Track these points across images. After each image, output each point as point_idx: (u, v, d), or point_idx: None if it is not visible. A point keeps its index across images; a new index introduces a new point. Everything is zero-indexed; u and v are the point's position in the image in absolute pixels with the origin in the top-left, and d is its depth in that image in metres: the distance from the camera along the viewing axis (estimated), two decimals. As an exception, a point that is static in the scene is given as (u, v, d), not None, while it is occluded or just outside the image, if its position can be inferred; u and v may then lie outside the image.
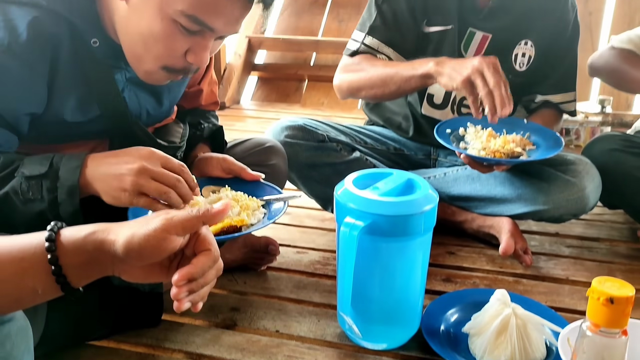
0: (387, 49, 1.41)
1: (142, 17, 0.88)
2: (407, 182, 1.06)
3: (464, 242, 1.49)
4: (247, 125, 2.69)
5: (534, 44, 1.46)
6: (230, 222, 1.01)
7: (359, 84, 1.39)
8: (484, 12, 1.42)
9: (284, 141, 1.40)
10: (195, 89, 1.26)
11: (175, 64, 0.94)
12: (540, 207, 1.36)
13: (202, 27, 0.89)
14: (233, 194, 1.10)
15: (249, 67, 3.20)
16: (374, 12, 1.43)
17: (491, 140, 1.29)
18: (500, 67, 1.17)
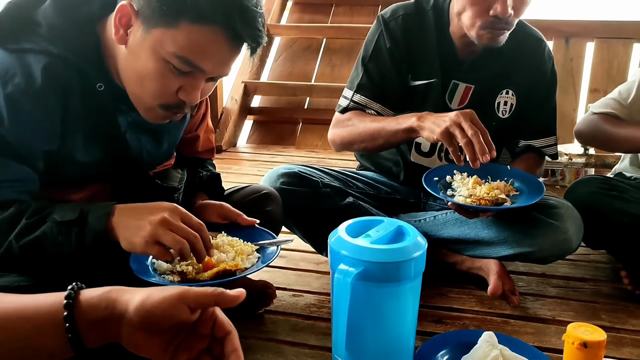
0: (375, 105, 1.50)
1: (139, 59, 0.96)
2: (397, 229, 1.12)
3: (454, 283, 1.54)
4: (242, 168, 2.76)
5: (514, 93, 1.55)
6: (225, 266, 1.06)
7: (351, 139, 1.48)
8: (466, 65, 1.52)
9: (279, 188, 1.46)
10: (192, 135, 1.33)
11: (169, 101, 1.00)
12: (526, 249, 1.42)
13: (192, 68, 0.95)
14: (229, 239, 1.15)
15: (245, 111, 3.30)
16: (361, 70, 1.53)
17: (477, 187, 1.36)
18: (477, 118, 1.25)
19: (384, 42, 1.51)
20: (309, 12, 3.97)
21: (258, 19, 0.95)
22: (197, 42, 0.92)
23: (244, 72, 3.34)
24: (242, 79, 3.29)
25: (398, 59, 1.50)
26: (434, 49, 1.51)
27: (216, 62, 0.96)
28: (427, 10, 1.52)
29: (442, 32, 1.51)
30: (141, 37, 0.94)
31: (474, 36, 1.39)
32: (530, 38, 1.56)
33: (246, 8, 0.92)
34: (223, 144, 3.03)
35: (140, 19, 0.94)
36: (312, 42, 3.73)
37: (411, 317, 1.10)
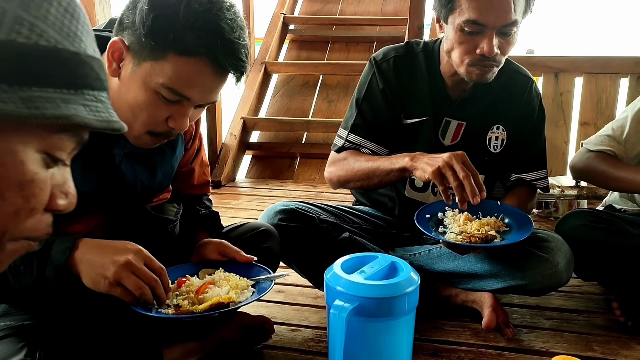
0: (369, 144, 1.57)
1: (130, 90, 1.03)
2: (390, 264, 1.16)
3: (449, 316, 1.57)
4: (241, 203, 2.80)
5: (505, 128, 1.61)
6: (219, 299, 1.11)
7: (347, 178, 1.55)
8: (456, 103, 1.58)
9: (277, 224, 1.50)
10: (187, 169, 1.38)
11: (158, 129, 1.07)
12: (518, 282, 1.45)
13: (180, 97, 1.02)
14: (226, 275, 1.20)
15: (244, 146, 3.36)
16: (355, 111, 1.60)
17: (468, 224, 1.40)
18: (468, 160, 1.30)
19: (377, 83, 1.57)
20: (306, 49, 4.08)
21: (240, 50, 1.02)
22: (184, 73, 0.99)
23: (243, 108, 3.42)
24: (241, 115, 3.36)
25: (391, 98, 1.57)
26: (425, 88, 1.57)
27: (202, 91, 1.03)
28: (417, 52, 1.59)
29: (432, 72, 1.57)
30: (132, 71, 1.01)
31: (464, 73, 1.46)
32: (518, 76, 1.63)
33: (229, 40, 0.99)
34: (222, 179, 3.08)
35: (131, 53, 1.01)
36: (309, 78, 3.82)
37: (405, 351, 1.13)
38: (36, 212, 0.53)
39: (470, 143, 1.61)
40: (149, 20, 0.97)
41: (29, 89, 0.47)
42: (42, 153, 0.51)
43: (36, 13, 0.49)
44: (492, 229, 1.38)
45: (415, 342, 1.43)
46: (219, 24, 0.99)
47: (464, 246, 1.34)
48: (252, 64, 3.68)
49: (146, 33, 0.97)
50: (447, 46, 1.47)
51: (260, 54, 3.78)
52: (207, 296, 1.13)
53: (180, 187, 1.40)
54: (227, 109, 3.39)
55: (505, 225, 1.43)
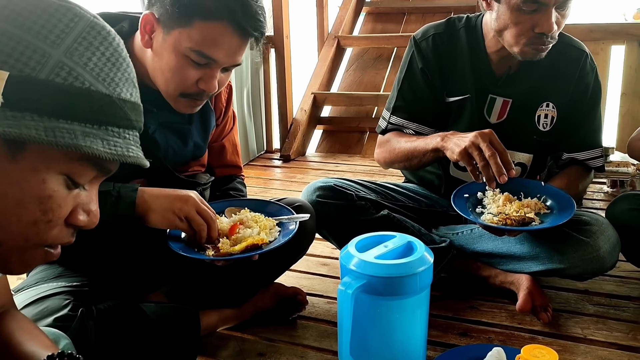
0: (412, 125, 1.58)
1: (162, 57, 1.15)
2: (407, 244, 1.17)
3: (487, 296, 1.55)
4: (306, 177, 2.87)
5: (555, 105, 1.54)
6: (252, 240, 1.20)
7: (391, 159, 1.59)
8: (502, 80, 1.53)
9: (315, 200, 1.55)
10: (218, 144, 1.47)
11: (190, 90, 1.18)
12: (557, 265, 1.40)
13: (207, 59, 1.12)
14: (252, 214, 1.29)
15: (314, 121, 3.42)
16: (396, 92, 1.61)
17: (507, 205, 1.36)
18: (496, 139, 1.27)
19: (416, 63, 1.56)
20: (382, 22, 4.03)
21: (258, 12, 1.12)
22: (209, 36, 1.10)
23: (315, 83, 3.47)
24: (312, 90, 3.41)
25: (430, 78, 1.55)
26: (466, 66, 1.53)
27: (227, 53, 1.13)
28: (458, 29, 1.55)
29: (475, 48, 1.53)
30: (163, 39, 1.14)
31: (518, 52, 1.41)
32: (571, 50, 1.54)
33: (247, 3, 1.10)
34: (292, 153, 3.17)
35: (161, 24, 1.13)
36: (382, 51, 3.79)
37: (419, 329, 1.15)
38: (55, 225, 0.62)
39: (518, 121, 1.55)
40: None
41: (57, 120, 0.57)
42: (63, 175, 0.61)
43: (78, 60, 0.58)
44: (532, 211, 1.34)
45: (448, 320, 1.46)
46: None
47: (499, 228, 1.32)
48: (326, 38, 3.71)
49: (172, 2, 1.09)
50: (499, 25, 1.42)
51: (334, 28, 3.79)
52: (240, 237, 1.21)
53: (213, 164, 1.48)
54: (299, 84, 3.46)
55: (547, 207, 1.38)
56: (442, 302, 1.55)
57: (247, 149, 3.14)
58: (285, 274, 1.56)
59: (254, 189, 2.67)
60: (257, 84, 3.17)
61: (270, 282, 1.49)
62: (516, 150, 1.57)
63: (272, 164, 3.14)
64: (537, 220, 1.34)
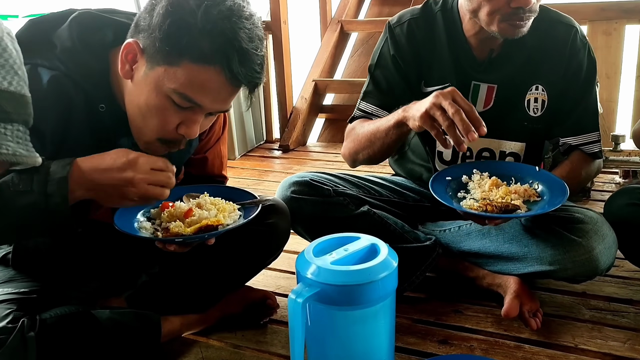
0: (382, 112, 1.45)
1: (142, 93, 1.02)
2: (370, 247, 1.07)
3: (474, 299, 1.44)
4: (303, 168, 2.77)
5: (545, 88, 1.40)
6: (208, 221, 1.09)
7: (355, 149, 1.44)
8: (484, 65, 1.40)
9: (290, 197, 1.45)
10: (200, 156, 1.36)
11: (168, 136, 1.06)
12: (546, 267, 1.28)
13: (191, 104, 1.01)
14: (211, 199, 1.19)
15: (315, 109, 3.31)
16: (368, 78, 1.49)
17: (493, 190, 1.25)
18: (460, 95, 1.15)
19: (388, 49, 1.46)
20: (389, 5, 3.88)
21: (256, 61, 0.99)
22: (197, 80, 0.97)
23: (316, 70, 3.35)
24: (313, 77, 3.29)
25: (403, 66, 1.44)
26: (445, 52, 1.41)
27: (214, 99, 1.01)
28: (434, 13, 1.43)
29: (453, 32, 1.41)
30: (145, 74, 1.01)
31: (496, 31, 1.28)
32: (558, 26, 1.40)
33: (245, 50, 0.97)
34: (291, 144, 3.07)
35: (145, 57, 1.00)
36: (388, 36, 3.63)
37: (382, 340, 1.04)
38: None
39: (506, 107, 1.42)
40: (166, 24, 0.96)
41: None
42: None
43: None
44: (520, 198, 1.22)
45: (428, 326, 1.35)
46: (237, 32, 0.96)
47: (478, 215, 1.20)
48: (329, 23, 3.58)
49: (162, 37, 0.96)
50: (472, 5, 1.30)
51: (337, 13, 3.65)
52: (195, 220, 1.11)
53: (194, 174, 1.38)
54: (300, 72, 3.35)
55: (538, 195, 1.25)
56: (425, 304, 1.44)
57: (245, 139, 3.05)
58: (262, 273, 1.47)
59: (247, 181, 2.59)
60: (254, 72, 3.06)
61: (239, 286, 1.40)
62: (507, 139, 1.45)
63: (270, 155, 3.04)
64: (523, 208, 1.22)
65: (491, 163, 1.40)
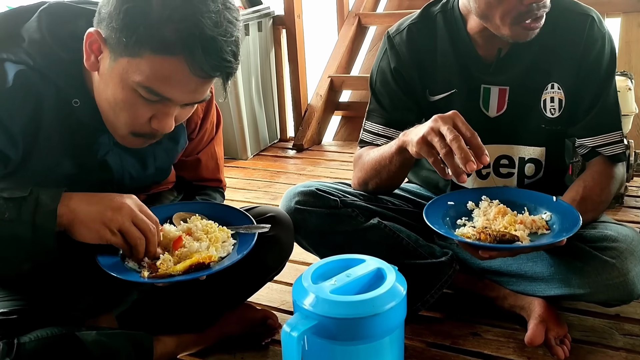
0: (390, 131, 1.35)
1: (108, 86, 0.94)
2: (376, 272, 0.96)
3: (494, 320, 1.32)
4: (316, 169, 2.67)
5: (561, 86, 1.27)
6: (199, 258, 1.00)
7: (363, 178, 1.35)
8: (493, 66, 1.28)
9: (294, 208, 1.35)
10: (192, 158, 1.26)
11: (141, 130, 0.98)
12: (575, 290, 1.16)
13: (159, 97, 0.92)
14: (203, 223, 1.09)
15: (331, 107, 3.19)
16: (370, 95, 1.40)
17: (498, 219, 1.13)
18: (462, 119, 1.04)
19: (388, 62, 1.35)
20: (409, -2, 3.74)
21: (224, 49, 0.89)
22: (160, 72, 0.89)
23: (332, 66, 3.23)
24: (329, 73, 3.18)
25: (406, 78, 1.33)
26: (449, 56, 1.30)
27: (183, 92, 0.93)
28: (434, 14, 1.31)
29: (455, 34, 1.29)
30: (109, 66, 0.93)
31: (509, 35, 1.16)
32: (571, 16, 1.25)
33: (210, 38, 0.87)
34: (305, 142, 2.96)
35: (108, 47, 0.92)
36: (408, 29, 3.49)
37: (390, 377, 0.94)
38: None
39: (521, 110, 1.30)
40: (121, 12, 0.87)
41: None
42: None
43: None
44: (527, 229, 1.09)
45: (444, 351, 1.24)
46: (199, 17, 0.86)
47: (469, 244, 1.08)
48: (346, 17, 3.45)
49: (119, 28, 0.88)
50: (480, 9, 1.17)
51: (354, 6, 3.51)
52: (185, 252, 1.02)
53: (188, 178, 1.30)
54: (315, 68, 3.23)
55: (548, 227, 1.13)
56: (440, 325, 1.33)
57: (258, 138, 2.96)
58: (267, 286, 1.38)
59: (259, 183, 2.49)
60: (267, 67, 2.96)
61: (238, 304, 1.30)
62: (525, 144, 1.32)
63: (283, 154, 2.94)
64: (525, 240, 1.09)
65: (504, 190, 1.28)
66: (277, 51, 3.02)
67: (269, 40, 2.96)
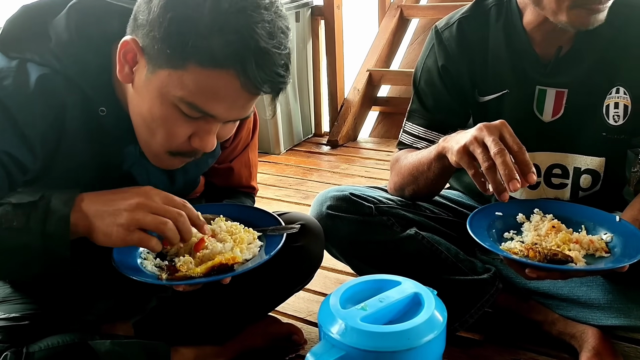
0: (431, 134, 1.26)
1: (144, 101, 0.86)
2: (413, 297, 0.86)
3: (539, 347, 1.21)
4: (350, 168, 2.57)
5: (627, 90, 1.14)
6: (221, 259, 0.91)
7: (400, 184, 1.27)
8: (550, 66, 1.15)
9: (325, 213, 1.26)
10: (225, 166, 1.18)
11: (180, 149, 0.90)
12: (636, 322, 1.04)
13: (202, 114, 0.84)
14: (228, 224, 1.01)
15: (368, 102, 3.08)
16: (412, 94, 1.30)
17: (550, 235, 1.01)
18: (510, 131, 0.95)
19: (435, 59, 1.24)
20: (455, -11, 3.58)
21: (278, 62, 0.81)
22: (206, 87, 0.81)
23: (371, 59, 3.12)
24: (368, 67, 3.06)
25: (455, 76, 1.22)
26: (502, 53, 1.19)
27: (229, 108, 0.85)
28: (488, 8, 1.20)
29: (511, 29, 1.18)
30: (146, 78, 0.84)
31: (566, 21, 1.04)
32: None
33: (264, 50, 0.79)
34: (340, 139, 2.87)
35: (146, 57, 0.83)
36: (452, 22, 3.35)
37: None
38: None
39: (580, 116, 1.18)
40: (166, 21, 0.78)
41: None
42: None
43: None
44: (583, 250, 0.97)
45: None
46: (253, 28, 0.78)
47: (516, 261, 0.97)
48: (388, 8, 3.32)
49: (162, 37, 0.79)
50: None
51: (397, -4, 3.40)
52: (207, 253, 0.94)
53: (219, 184, 1.22)
54: (354, 61, 3.12)
55: (608, 250, 1.00)
56: (479, 349, 1.22)
57: (292, 133, 2.87)
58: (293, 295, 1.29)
59: (290, 180, 2.41)
60: (303, 60, 2.87)
61: (262, 316, 1.22)
62: (582, 153, 1.20)
63: (317, 150, 2.85)
64: (580, 262, 0.97)
65: (560, 204, 1.16)
66: (314, 43, 2.93)
67: (306, 31, 2.87)
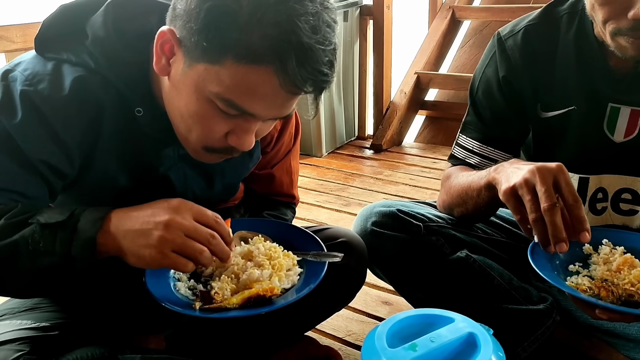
0: (486, 149, 1.17)
1: (181, 95, 0.82)
2: (467, 338, 0.78)
3: (600, 390, 1.10)
4: (394, 174, 2.48)
5: None
6: (259, 290, 0.85)
7: (449, 203, 1.19)
8: (626, 82, 1.05)
9: (370, 229, 1.18)
10: (266, 172, 1.13)
11: (216, 145, 0.85)
12: None
13: (239, 111, 0.79)
14: (266, 246, 0.95)
15: (415, 105, 2.99)
16: (469, 105, 1.22)
17: (623, 271, 0.90)
18: (567, 179, 0.86)
19: (496, 68, 1.15)
20: (511, -10, 3.43)
21: (322, 59, 0.75)
22: (244, 83, 0.77)
23: (420, 61, 3.02)
24: (416, 69, 2.96)
25: (517, 89, 1.13)
26: (571, 65, 1.09)
27: (267, 106, 0.80)
28: (560, 16, 1.11)
29: (583, 40, 1.08)
30: (183, 71, 0.80)
31: (612, 45, 0.97)
32: None
33: (306, 46, 0.73)
34: (384, 143, 2.78)
35: (183, 50, 0.79)
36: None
37: None
38: None
39: None
40: (203, 11, 0.74)
41: None
42: None
43: None
44: None
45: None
46: (296, 21, 0.73)
47: (585, 300, 0.88)
48: (439, 9, 3.21)
49: (198, 29, 0.75)
50: (588, 8, 0.99)
51: (449, -3, 3.28)
52: (244, 280, 0.88)
53: (259, 191, 1.17)
54: (402, 63, 3.03)
55: None
56: (532, 387, 1.12)
57: (335, 135, 2.81)
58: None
59: (331, 185, 2.34)
60: (350, 60, 2.80)
61: (299, 337, 1.16)
62: None
63: (359, 154, 2.77)
64: None
65: (632, 235, 1.04)
66: (362, 43, 2.86)
67: (354, 31, 2.79)
